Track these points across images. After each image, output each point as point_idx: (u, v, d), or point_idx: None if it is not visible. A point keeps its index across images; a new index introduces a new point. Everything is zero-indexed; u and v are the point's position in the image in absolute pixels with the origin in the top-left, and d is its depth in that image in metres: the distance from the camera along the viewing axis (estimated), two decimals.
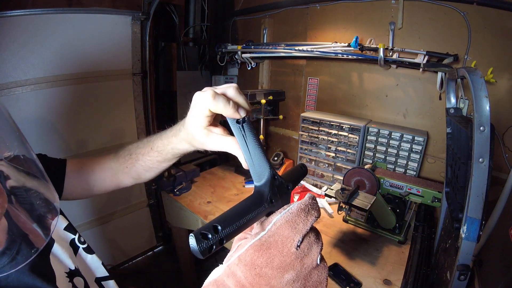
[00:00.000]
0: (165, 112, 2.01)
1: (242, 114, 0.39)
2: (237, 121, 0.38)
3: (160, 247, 2.06)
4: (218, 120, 0.47)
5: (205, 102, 0.40)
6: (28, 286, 0.45)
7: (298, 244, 0.29)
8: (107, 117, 1.61)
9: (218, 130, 0.46)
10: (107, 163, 0.68)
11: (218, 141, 0.45)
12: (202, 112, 0.41)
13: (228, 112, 0.39)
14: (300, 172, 0.43)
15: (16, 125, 0.40)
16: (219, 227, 0.27)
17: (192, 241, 0.25)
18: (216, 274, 0.35)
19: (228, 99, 0.39)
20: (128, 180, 0.68)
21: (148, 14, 1.58)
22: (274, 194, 0.33)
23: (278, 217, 0.30)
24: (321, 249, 0.32)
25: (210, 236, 0.26)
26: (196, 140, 0.47)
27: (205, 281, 0.36)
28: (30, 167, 0.41)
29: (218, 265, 0.37)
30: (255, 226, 0.34)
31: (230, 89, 0.41)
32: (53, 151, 1.40)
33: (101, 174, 0.68)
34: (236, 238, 0.34)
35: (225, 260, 0.34)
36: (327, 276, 0.32)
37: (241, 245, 0.32)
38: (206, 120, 0.43)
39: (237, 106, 0.39)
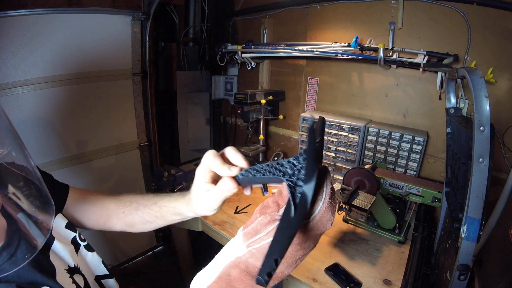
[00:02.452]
0: (165, 112, 2.01)
1: (234, 171, 0.42)
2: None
3: (160, 247, 2.07)
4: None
5: (206, 159, 0.44)
6: (28, 281, 0.46)
7: (333, 221, 0.35)
8: (107, 117, 1.61)
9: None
10: (107, 202, 0.68)
11: (215, 190, 0.45)
12: (203, 169, 0.45)
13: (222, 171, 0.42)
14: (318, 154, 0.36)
15: (12, 125, 0.40)
16: (279, 260, 0.28)
17: (261, 283, 0.27)
18: (234, 254, 0.37)
19: (225, 159, 0.44)
20: (119, 225, 0.68)
21: (148, 14, 1.58)
22: (298, 212, 0.33)
23: (321, 205, 0.33)
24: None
25: (273, 273, 0.27)
26: (196, 200, 0.50)
27: (220, 258, 0.37)
28: (24, 168, 0.41)
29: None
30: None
31: (227, 149, 0.45)
32: (53, 151, 1.41)
33: (98, 210, 0.67)
34: (261, 220, 0.36)
35: (244, 236, 0.36)
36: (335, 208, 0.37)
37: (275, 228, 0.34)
38: (208, 175, 0.45)
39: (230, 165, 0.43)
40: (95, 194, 0.69)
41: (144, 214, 0.63)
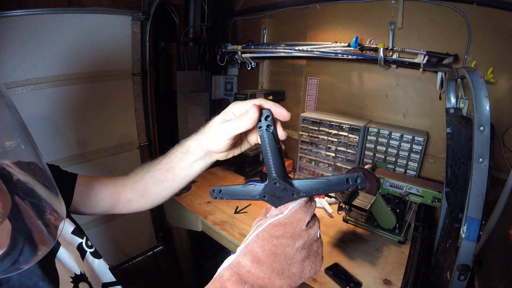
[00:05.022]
0: (165, 112, 2.01)
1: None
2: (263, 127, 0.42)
3: (160, 247, 2.06)
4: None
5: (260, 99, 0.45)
6: None
7: (307, 224, 0.38)
8: (107, 117, 1.61)
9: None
10: (119, 178, 0.67)
11: (235, 120, 0.45)
12: (248, 102, 0.44)
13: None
14: (330, 186, 0.38)
15: (22, 120, 0.40)
16: (222, 191, 0.43)
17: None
18: (229, 261, 0.40)
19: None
20: (134, 196, 0.66)
21: (148, 14, 1.58)
22: (270, 194, 0.40)
23: (294, 205, 0.38)
24: (319, 228, 0.40)
25: (215, 194, 0.43)
26: (209, 130, 0.49)
27: (219, 269, 0.40)
28: (36, 170, 0.41)
29: (218, 265, 0.41)
30: (273, 210, 0.41)
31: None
32: (52, 151, 1.41)
33: (110, 187, 0.66)
34: (254, 223, 0.41)
35: (242, 242, 0.40)
36: (322, 249, 0.40)
37: (260, 225, 0.39)
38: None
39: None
40: (105, 176, 0.69)
41: (156, 173, 0.60)
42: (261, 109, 0.41)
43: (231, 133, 0.45)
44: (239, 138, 0.51)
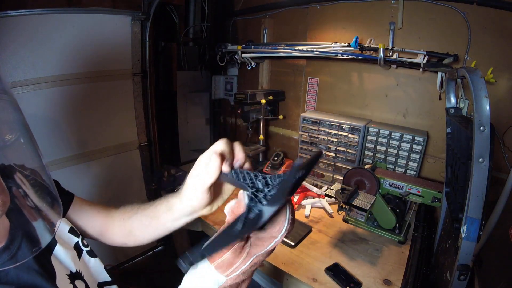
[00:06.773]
0: (165, 112, 2.01)
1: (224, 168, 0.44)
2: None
3: (160, 247, 2.06)
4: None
5: (217, 143, 0.45)
6: (28, 284, 0.45)
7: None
8: (107, 117, 1.61)
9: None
10: (112, 211, 0.68)
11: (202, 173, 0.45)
12: (209, 150, 0.45)
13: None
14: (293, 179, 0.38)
15: (27, 124, 0.41)
16: (205, 256, 0.39)
17: (179, 265, 0.41)
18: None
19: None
20: (120, 234, 0.66)
21: (148, 14, 1.58)
22: (246, 227, 0.36)
23: (282, 233, 0.38)
24: None
25: (194, 263, 0.40)
26: (186, 187, 0.49)
27: None
28: (36, 168, 0.42)
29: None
30: (262, 239, 0.40)
31: (236, 143, 0.47)
32: (52, 151, 1.41)
33: (102, 217, 0.66)
34: (233, 251, 0.39)
35: (218, 269, 0.39)
36: None
37: (250, 254, 0.39)
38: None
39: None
40: (101, 204, 0.69)
41: (142, 217, 0.62)
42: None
43: (204, 186, 0.45)
44: (219, 187, 0.52)
